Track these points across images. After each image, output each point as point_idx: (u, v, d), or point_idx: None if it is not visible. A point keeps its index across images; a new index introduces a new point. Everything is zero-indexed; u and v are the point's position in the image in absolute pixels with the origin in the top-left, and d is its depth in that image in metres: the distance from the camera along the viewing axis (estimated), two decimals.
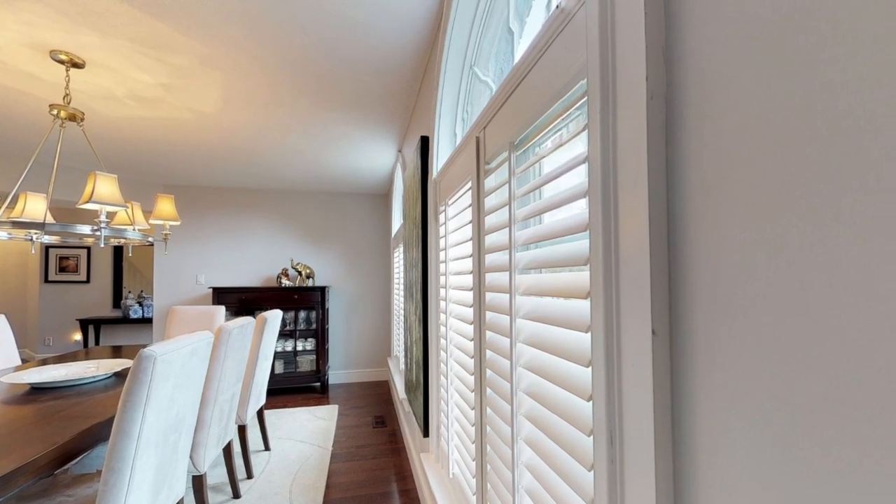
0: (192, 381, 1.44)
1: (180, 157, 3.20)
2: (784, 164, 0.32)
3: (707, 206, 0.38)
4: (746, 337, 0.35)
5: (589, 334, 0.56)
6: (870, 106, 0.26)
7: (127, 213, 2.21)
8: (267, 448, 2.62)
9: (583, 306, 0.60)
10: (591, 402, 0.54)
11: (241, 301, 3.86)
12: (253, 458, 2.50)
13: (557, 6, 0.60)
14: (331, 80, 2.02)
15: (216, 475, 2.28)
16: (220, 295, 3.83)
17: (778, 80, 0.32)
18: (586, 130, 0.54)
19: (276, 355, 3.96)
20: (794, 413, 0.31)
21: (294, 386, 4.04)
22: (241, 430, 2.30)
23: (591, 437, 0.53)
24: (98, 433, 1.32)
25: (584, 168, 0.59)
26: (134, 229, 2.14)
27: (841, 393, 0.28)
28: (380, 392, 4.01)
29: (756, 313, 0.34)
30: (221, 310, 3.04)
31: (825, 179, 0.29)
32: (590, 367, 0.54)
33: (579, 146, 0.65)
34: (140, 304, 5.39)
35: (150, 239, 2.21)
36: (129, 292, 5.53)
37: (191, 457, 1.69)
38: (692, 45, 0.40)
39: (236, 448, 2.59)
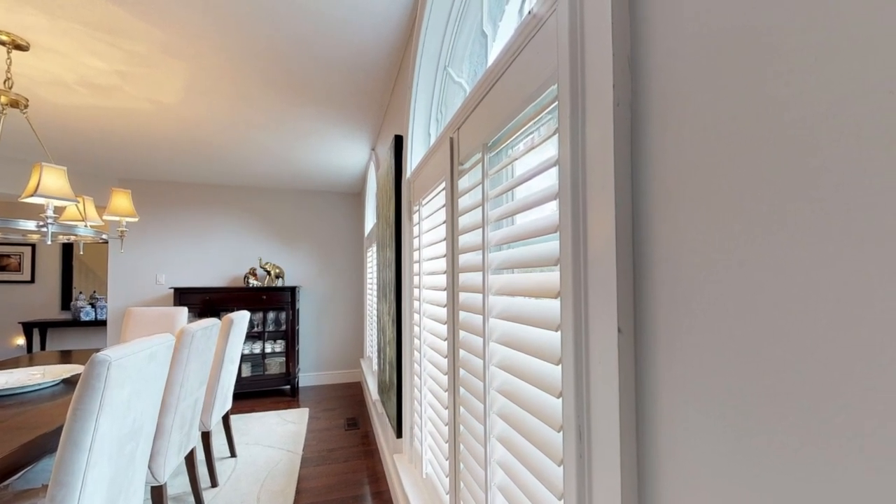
0: (150, 386, 1.37)
1: (138, 149, 3.02)
2: (736, 172, 0.34)
3: (668, 209, 0.40)
4: (704, 334, 0.37)
5: (559, 333, 0.58)
6: (809, 120, 0.28)
7: (78, 208, 2.06)
8: (233, 455, 2.52)
9: (553, 306, 0.62)
10: (560, 399, 0.56)
11: (205, 302, 3.70)
12: (218, 466, 2.40)
13: (530, 12, 0.61)
14: (302, 76, 1.96)
15: (178, 484, 2.17)
16: (183, 295, 3.65)
17: (731, 93, 0.34)
18: (557, 134, 0.55)
19: (244, 358, 3.81)
20: (744, 405, 0.33)
21: (262, 389, 3.91)
22: (205, 436, 2.20)
23: (561, 432, 0.55)
24: (44, 445, 1.23)
25: (555, 171, 0.60)
26: (86, 226, 2.00)
27: (785, 386, 0.30)
28: (352, 394, 3.95)
29: (712, 312, 0.36)
30: (184, 311, 2.89)
31: (772, 187, 0.31)
32: (559, 365, 0.56)
33: (550, 149, 0.67)
34: (92, 305, 5.04)
35: (105, 236, 2.08)
36: (80, 293, 5.17)
37: (149, 467, 1.60)
38: (655, 57, 0.42)
39: (200, 456, 2.48)
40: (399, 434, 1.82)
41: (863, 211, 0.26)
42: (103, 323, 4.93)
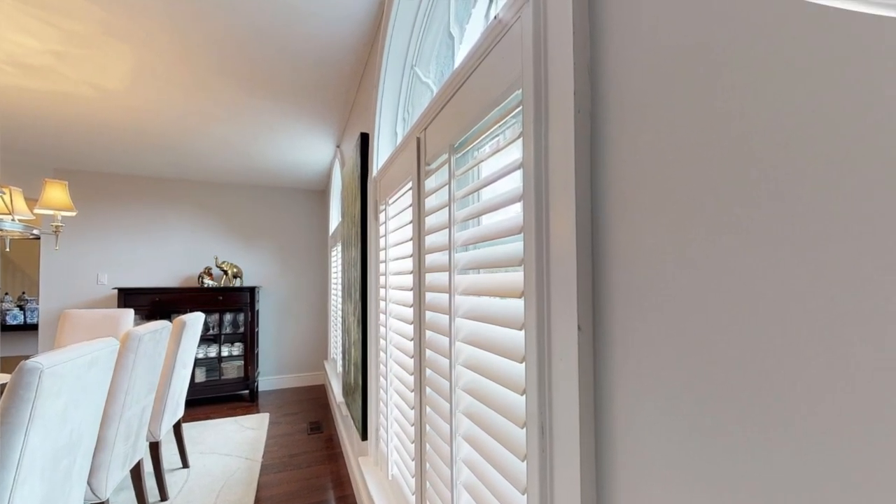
0: (90, 395, 1.26)
1: (77, 138, 2.77)
2: (687, 180, 0.36)
3: (625, 213, 0.43)
4: (657, 332, 0.39)
5: (523, 332, 0.59)
6: (750, 133, 0.31)
7: (3, 199, 1.87)
8: (185, 465, 2.38)
9: (518, 305, 0.63)
10: (524, 396, 0.57)
11: (154, 303, 3.46)
12: (169, 478, 2.25)
13: (496, 17, 0.62)
14: (264, 67, 1.88)
15: (123, 500, 2.02)
16: (128, 297, 3.39)
17: (683, 106, 0.36)
18: (522, 138, 0.57)
19: (198, 362, 3.61)
20: (694, 397, 0.35)
21: (219, 395, 3.71)
22: (154, 447, 2.06)
23: (525, 429, 0.56)
24: None
25: (519, 173, 0.62)
26: (13, 219, 1.82)
27: (730, 379, 0.32)
28: (315, 397, 3.84)
29: (665, 311, 0.38)
30: (129, 313, 2.69)
31: (720, 195, 0.33)
32: (523, 363, 0.57)
33: (515, 152, 0.68)
34: (21, 307, 4.58)
35: (36, 231, 1.89)
36: (7, 294, 4.67)
37: (89, 482, 1.48)
38: (614, 68, 0.44)
39: (148, 468, 2.32)
40: (364, 436, 1.79)
41: (794, 217, 0.28)
42: (34, 327, 4.49)
